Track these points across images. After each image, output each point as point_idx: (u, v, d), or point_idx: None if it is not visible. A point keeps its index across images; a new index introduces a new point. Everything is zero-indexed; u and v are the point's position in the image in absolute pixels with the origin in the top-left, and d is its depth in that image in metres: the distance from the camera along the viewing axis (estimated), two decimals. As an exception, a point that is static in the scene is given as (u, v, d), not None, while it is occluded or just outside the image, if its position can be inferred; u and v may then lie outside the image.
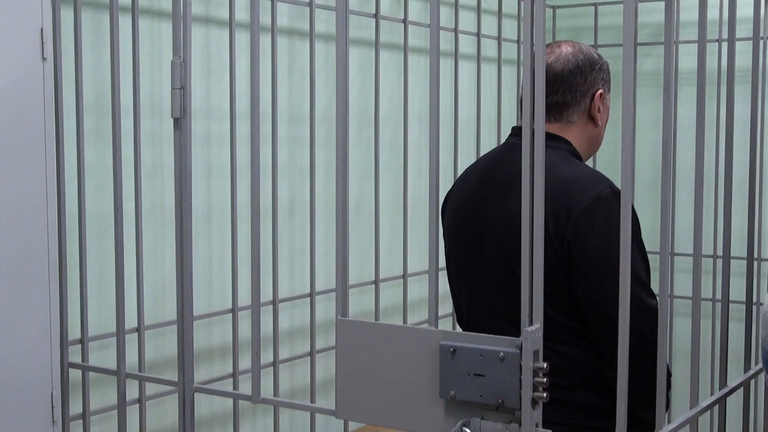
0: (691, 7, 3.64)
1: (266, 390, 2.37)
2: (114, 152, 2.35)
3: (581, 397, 2.02)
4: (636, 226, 1.98)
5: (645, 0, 4.01)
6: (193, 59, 2.40)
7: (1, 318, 2.27)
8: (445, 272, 2.29)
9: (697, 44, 3.74)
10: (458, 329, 2.25)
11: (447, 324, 3.66)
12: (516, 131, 2.19)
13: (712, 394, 2.14)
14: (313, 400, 3.16)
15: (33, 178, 2.32)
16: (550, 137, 2.05)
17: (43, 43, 2.33)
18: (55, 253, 2.38)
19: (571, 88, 2.13)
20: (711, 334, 3.87)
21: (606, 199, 1.98)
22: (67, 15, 2.46)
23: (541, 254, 1.43)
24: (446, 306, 3.28)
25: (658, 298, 1.62)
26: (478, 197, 2.15)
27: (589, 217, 1.96)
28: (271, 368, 3.01)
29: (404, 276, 3.51)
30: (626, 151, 1.45)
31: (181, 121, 2.11)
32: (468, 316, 2.22)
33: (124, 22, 2.48)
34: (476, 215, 2.14)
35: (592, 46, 4.17)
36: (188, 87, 2.11)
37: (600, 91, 2.16)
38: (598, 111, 2.16)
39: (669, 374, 2.00)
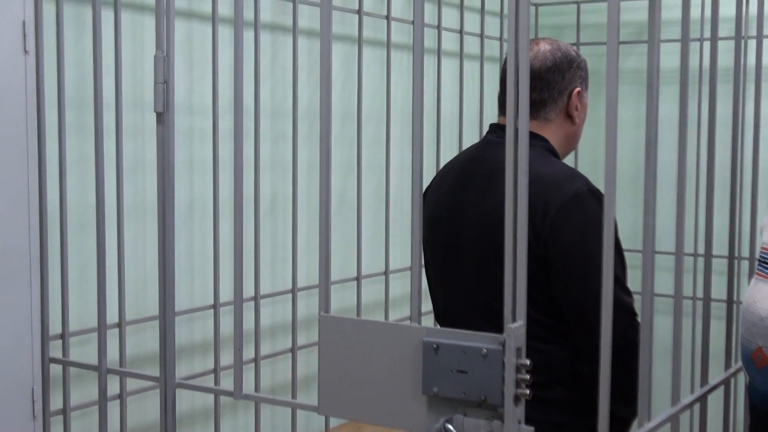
0: (672, 6, 3.65)
1: (247, 386, 2.36)
2: (96, 147, 2.34)
3: (559, 394, 2.03)
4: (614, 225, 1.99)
5: (628, -1, 4.03)
6: (175, 54, 2.39)
7: (-19, 313, 2.26)
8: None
9: (677, 43, 3.75)
10: (438, 327, 2.26)
11: (429, 321, 3.67)
12: (494, 128, 2.19)
13: (692, 392, 2.14)
14: (294, 397, 3.16)
15: (14, 172, 2.31)
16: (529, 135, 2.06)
17: (25, 36, 2.32)
18: (36, 248, 2.37)
19: (548, 85, 2.14)
20: (692, 333, 3.89)
21: (583, 197, 1.99)
22: (49, 8, 2.45)
23: (524, 251, 1.43)
24: (428, 303, 3.29)
25: (638, 296, 1.62)
26: (456, 194, 2.15)
27: (566, 214, 1.97)
28: (252, 364, 3.00)
29: (386, 272, 3.51)
30: (609, 151, 1.45)
31: (163, 116, 2.10)
32: (444, 313, 2.22)
33: (107, 16, 2.46)
34: (454, 211, 2.14)
35: (574, 44, 4.19)
36: (171, 81, 2.10)
37: (578, 89, 2.17)
38: (576, 109, 2.17)
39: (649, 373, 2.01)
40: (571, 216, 1.96)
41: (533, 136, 2.09)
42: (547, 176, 2.01)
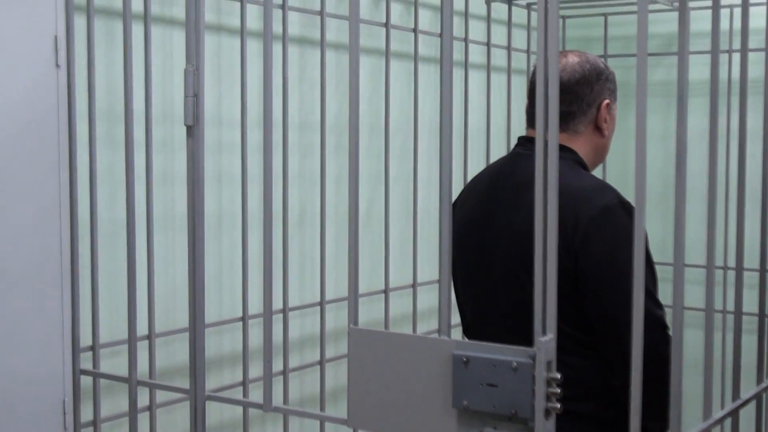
0: (700, 17, 3.64)
1: (276, 398, 2.37)
2: (126, 159, 2.36)
3: (589, 408, 2.02)
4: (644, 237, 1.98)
5: (656, 11, 4.02)
6: (205, 67, 2.41)
7: (14, 324, 2.27)
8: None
9: (705, 55, 3.73)
10: (467, 340, 2.25)
11: (457, 334, 3.66)
12: (522, 141, 2.18)
13: (722, 407, 2.12)
14: (322, 409, 3.16)
15: (46, 184, 2.33)
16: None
17: (57, 50, 2.34)
18: (67, 260, 2.39)
19: (577, 98, 2.12)
20: (722, 346, 3.86)
21: (613, 209, 1.98)
22: (80, 22, 2.47)
23: (554, 264, 1.43)
24: (457, 316, 3.28)
25: (669, 309, 1.61)
26: (485, 207, 2.15)
27: (596, 227, 1.96)
28: (281, 377, 3.01)
29: (414, 285, 3.51)
30: (639, 163, 1.45)
31: (193, 129, 2.11)
32: (473, 326, 2.21)
33: (137, 30, 2.48)
34: (483, 225, 2.13)
35: (602, 56, 4.17)
36: (201, 95, 2.11)
37: (606, 101, 2.15)
38: (605, 121, 2.15)
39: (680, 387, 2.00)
40: (602, 228, 1.95)
41: (562, 148, 2.08)
42: (577, 189, 2.00)
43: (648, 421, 1.86)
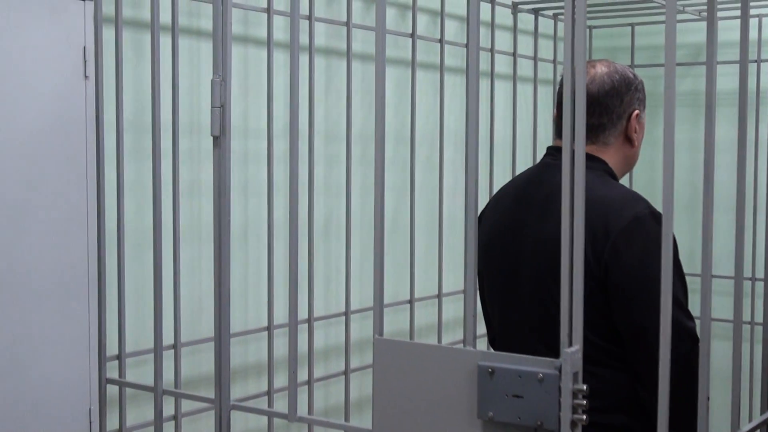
0: (728, 27, 3.62)
1: (300, 408, 2.37)
2: (153, 169, 2.37)
3: (617, 420, 2.00)
4: (674, 248, 1.96)
5: (684, 20, 4.00)
6: (231, 78, 2.42)
7: (42, 333, 2.29)
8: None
9: (733, 64, 3.71)
10: (492, 350, 2.24)
11: (482, 344, 3.65)
12: (551, 151, 2.17)
13: (750, 419, 2.11)
14: (347, 419, 3.15)
15: (73, 194, 2.35)
16: (587, 157, 2.04)
17: (85, 61, 2.36)
18: (94, 270, 2.40)
19: (607, 110, 2.10)
20: (750, 358, 3.82)
21: (644, 220, 1.96)
22: (109, 34, 2.49)
23: (580, 275, 1.42)
24: (482, 326, 3.27)
25: (698, 320, 1.60)
26: (514, 218, 2.14)
27: (627, 237, 1.95)
28: (305, 387, 3.01)
29: (439, 295, 3.51)
30: (667, 173, 1.44)
31: (220, 139, 2.12)
32: (501, 337, 2.20)
33: (165, 42, 2.50)
34: (512, 235, 2.12)
35: (628, 66, 4.16)
36: (228, 105, 2.12)
37: (636, 111, 2.13)
38: (635, 131, 2.14)
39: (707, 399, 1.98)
40: (633, 239, 1.94)
41: (592, 158, 2.07)
42: (608, 199, 1.99)
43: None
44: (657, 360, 1.46)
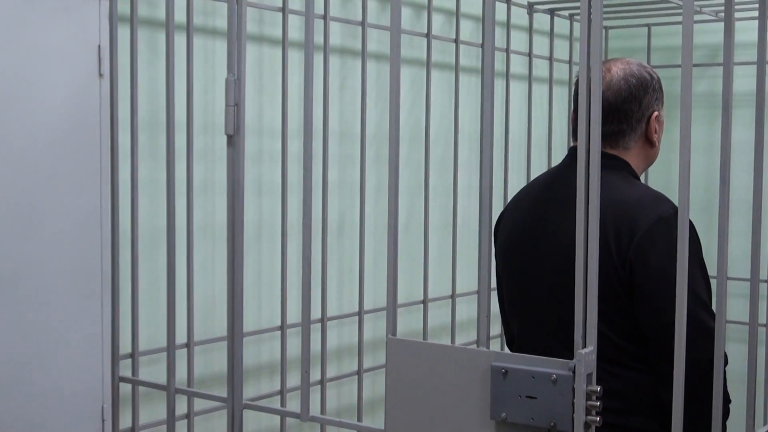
0: (745, 28, 3.60)
1: (313, 408, 2.36)
2: (167, 168, 2.38)
3: (636, 422, 1.99)
4: (698, 247, 1.95)
5: (701, 21, 3.98)
6: (246, 77, 2.42)
7: (55, 331, 2.29)
8: (494, 293, 2.27)
9: (750, 66, 3.69)
10: (506, 351, 2.23)
11: (496, 345, 3.64)
12: (573, 151, 2.16)
13: (765, 422, 2.10)
14: (360, 419, 3.15)
15: (87, 192, 2.35)
16: (610, 157, 2.02)
17: (100, 60, 2.36)
18: (108, 268, 2.41)
19: (626, 116, 2.07)
20: (765, 361, 3.80)
21: (669, 221, 1.94)
22: (124, 33, 2.49)
23: (595, 276, 1.41)
24: (496, 327, 3.27)
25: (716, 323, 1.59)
26: (534, 219, 2.12)
27: (651, 238, 1.93)
28: (318, 386, 3.01)
29: (452, 296, 3.50)
30: (683, 175, 1.43)
31: (234, 138, 2.12)
32: (520, 338, 2.19)
33: (179, 40, 2.50)
34: (533, 237, 2.11)
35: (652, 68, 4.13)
36: (242, 104, 2.12)
37: (656, 113, 2.11)
38: (655, 132, 2.11)
39: (728, 401, 1.96)
40: (657, 239, 1.92)
41: (614, 158, 2.06)
42: (632, 200, 1.97)
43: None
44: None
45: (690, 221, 1.73)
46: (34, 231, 2.25)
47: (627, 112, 2.06)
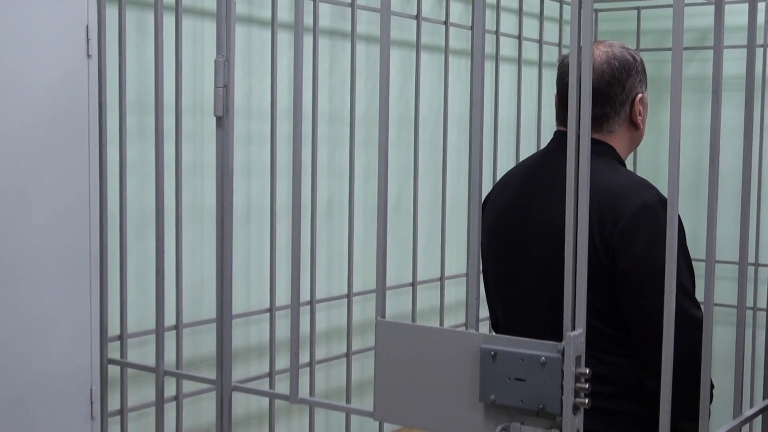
0: (735, 11, 3.60)
1: (302, 390, 2.37)
2: (156, 150, 2.37)
3: (624, 406, 1.99)
4: (682, 235, 1.95)
5: (691, 4, 3.97)
6: (235, 59, 2.41)
7: (44, 313, 2.29)
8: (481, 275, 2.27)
9: (741, 49, 3.70)
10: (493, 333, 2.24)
11: (485, 328, 3.65)
12: (558, 135, 2.15)
13: (751, 405, 2.11)
14: (348, 401, 3.16)
15: (76, 174, 2.34)
16: (595, 142, 2.02)
17: (88, 40, 2.35)
18: (96, 250, 2.40)
19: (609, 99, 2.06)
20: (752, 344, 3.82)
21: (653, 208, 1.94)
22: (112, 13, 2.48)
23: (584, 259, 1.41)
24: (485, 309, 3.27)
25: (703, 307, 1.59)
26: (521, 202, 2.12)
27: (635, 225, 1.93)
28: (307, 368, 3.01)
29: (441, 278, 3.50)
30: (673, 158, 1.43)
31: (223, 120, 2.11)
32: (505, 321, 2.20)
33: (168, 21, 2.49)
34: (518, 220, 2.11)
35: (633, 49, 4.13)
36: (231, 86, 2.11)
37: (639, 95, 2.10)
38: (639, 114, 2.11)
39: (712, 386, 1.97)
40: (641, 226, 1.92)
41: (599, 143, 2.05)
42: (616, 186, 1.97)
43: (684, 422, 1.85)
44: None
45: None
46: (21, 213, 2.24)
47: (611, 95, 2.05)
